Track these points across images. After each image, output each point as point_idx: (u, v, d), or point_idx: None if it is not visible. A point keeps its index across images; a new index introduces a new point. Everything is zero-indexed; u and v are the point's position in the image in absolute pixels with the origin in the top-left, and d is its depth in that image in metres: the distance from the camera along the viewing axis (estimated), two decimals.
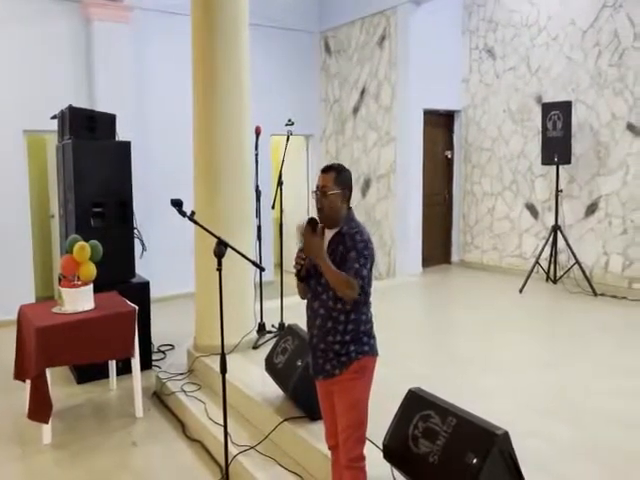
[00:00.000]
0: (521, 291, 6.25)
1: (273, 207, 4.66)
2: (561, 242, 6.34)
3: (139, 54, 6.80)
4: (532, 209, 7.09)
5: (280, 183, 4.63)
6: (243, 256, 2.59)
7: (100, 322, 3.91)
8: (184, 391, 4.17)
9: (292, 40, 8.16)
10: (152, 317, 4.99)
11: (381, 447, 2.58)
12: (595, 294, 6.00)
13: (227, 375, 3.97)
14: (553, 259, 6.47)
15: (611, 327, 5.09)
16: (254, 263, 2.54)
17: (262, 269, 2.51)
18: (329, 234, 2.34)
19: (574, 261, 6.20)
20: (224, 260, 4.24)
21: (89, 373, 4.66)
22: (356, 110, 7.93)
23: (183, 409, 4.02)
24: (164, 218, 6.89)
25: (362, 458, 2.36)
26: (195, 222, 2.57)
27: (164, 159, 6.99)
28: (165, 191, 6.95)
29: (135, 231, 5.09)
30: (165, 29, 6.89)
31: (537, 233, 7.03)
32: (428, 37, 7.13)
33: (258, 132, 4.65)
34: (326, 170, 2.35)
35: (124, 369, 4.59)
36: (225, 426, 2.80)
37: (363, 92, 7.78)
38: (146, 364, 4.70)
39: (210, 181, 4.38)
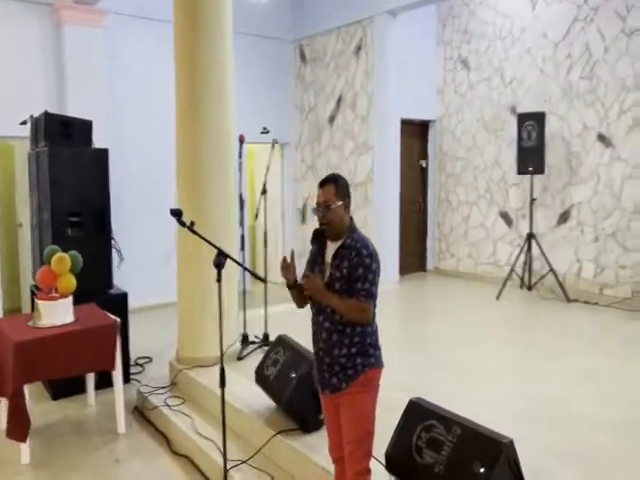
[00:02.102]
0: (498, 298, 6.35)
1: (257, 217, 4.60)
2: (535, 249, 6.48)
3: (113, 59, 6.65)
4: (506, 217, 7.23)
5: (264, 192, 4.58)
6: (243, 267, 2.54)
7: (81, 335, 3.77)
8: (168, 405, 4.06)
9: (266, 48, 8.12)
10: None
11: (380, 459, 2.55)
12: (568, 300, 6.14)
13: (213, 388, 3.93)
14: (528, 266, 6.60)
15: (586, 333, 5.22)
16: (255, 275, 2.49)
17: (264, 281, 2.46)
18: (333, 246, 2.32)
19: (548, 268, 6.33)
20: (205, 266, 4.18)
21: (65, 388, 4.48)
22: (332, 119, 7.95)
23: (168, 424, 3.91)
24: (139, 226, 6.77)
25: (368, 471, 2.33)
26: (194, 232, 2.51)
27: (139, 165, 6.85)
28: (140, 198, 6.90)
29: (112, 241, 4.96)
30: (140, 34, 6.77)
31: (511, 241, 7.17)
32: (404, 47, 7.21)
33: (242, 140, 4.61)
34: (324, 184, 2.30)
35: (101, 383, 4.46)
36: (224, 441, 2.74)
37: (339, 101, 7.81)
38: (125, 378, 4.55)
39: (194, 189, 4.29)
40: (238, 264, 2.51)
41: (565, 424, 3.31)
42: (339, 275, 2.26)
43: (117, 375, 3.94)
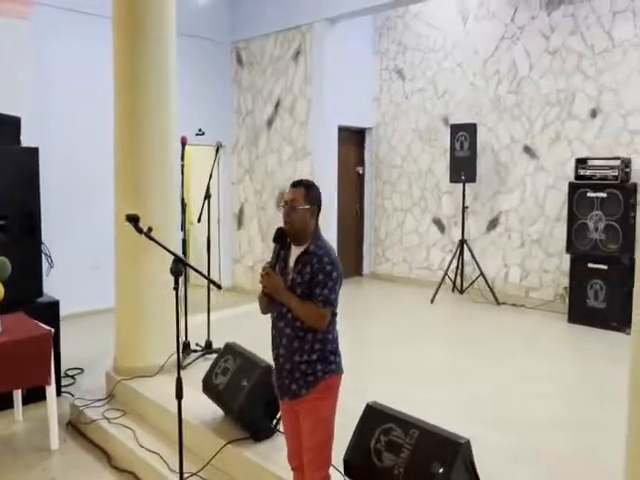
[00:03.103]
0: (432, 301, 6.58)
1: (199, 220, 4.51)
2: (466, 254, 6.77)
3: (41, 53, 6.26)
4: (439, 224, 7.51)
5: (208, 196, 4.49)
6: (201, 274, 2.47)
7: (10, 348, 3.51)
8: (106, 418, 3.87)
9: (202, 49, 7.95)
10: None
11: (337, 465, 2.56)
12: (498, 303, 6.46)
13: (156, 398, 3.81)
14: (460, 271, 6.88)
15: (516, 334, 5.50)
16: (212, 282, 2.43)
17: (219, 287, 2.41)
18: (296, 251, 2.32)
19: (479, 273, 6.64)
20: (148, 272, 4.04)
21: None
22: (270, 123, 7.91)
23: (107, 438, 3.72)
24: (69, 229, 6.41)
25: (328, 477, 2.34)
26: (151, 238, 2.41)
27: (69, 166, 6.49)
28: (70, 200, 6.54)
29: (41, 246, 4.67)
30: (73, 28, 6.41)
31: (444, 246, 7.44)
32: (342, 55, 7.31)
33: (184, 143, 4.49)
34: (296, 185, 2.33)
35: (30, 397, 4.18)
36: (180, 453, 2.65)
37: (277, 105, 7.79)
38: (56, 391, 4.29)
39: (134, 192, 4.14)
40: (196, 271, 2.45)
41: (513, 424, 3.46)
42: (300, 280, 2.26)
43: (51, 389, 3.71)
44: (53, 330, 3.83)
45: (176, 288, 2.34)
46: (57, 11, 6.27)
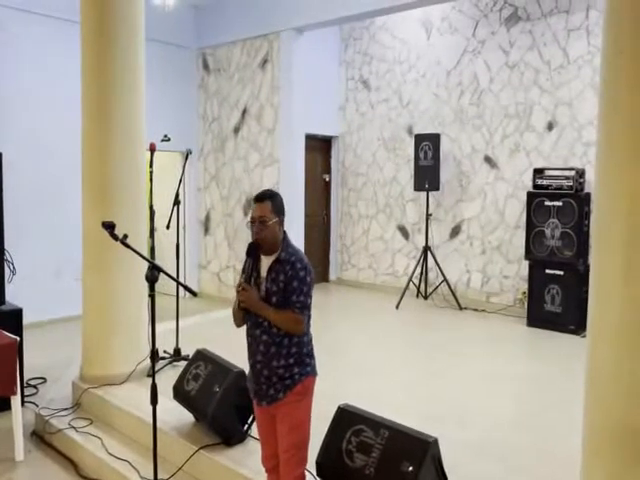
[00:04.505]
0: (397, 307, 6.72)
1: (168, 227, 4.50)
2: (430, 261, 6.95)
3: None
4: (403, 231, 7.68)
5: (177, 203, 4.50)
6: (176, 281, 2.50)
7: None
8: (73, 427, 3.82)
9: (167, 54, 7.92)
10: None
11: (309, 467, 2.62)
12: (460, 308, 6.66)
13: (126, 406, 3.79)
14: (424, 277, 7.05)
15: (478, 337, 5.70)
16: (187, 288, 2.46)
17: (194, 294, 2.45)
18: (267, 260, 2.38)
19: (442, 278, 6.82)
20: (116, 279, 4.03)
21: None
22: (237, 130, 7.94)
23: (75, 447, 3.68)
24: (30, 236, 6.28)
25: (304, 477, 2.40)
26: (127, 246, 2.43)
27: (31, 170, 6.35)
28: (31, 205, 6.40)
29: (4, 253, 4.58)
30: (34, 30, 6.30)
31: (408, 253, 7.61)
32: (309, 64, 7.41)
33: (153, 149, 4.49)
34: (261, 199, 2.34)
35: None
36: (155, 460, 2.65)
37: (244, 112, 7.83)
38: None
39: (102, 199, 4.12)
40: (172, 278, 2.48)
41: (476, 422, 3.60)
42: (275, 289, 2.32)
43: (16, 399, 3.64)
44: (18, 339, 3.76)
45: (152, 295, 2.36)
46: (15, 13, 6.14)
